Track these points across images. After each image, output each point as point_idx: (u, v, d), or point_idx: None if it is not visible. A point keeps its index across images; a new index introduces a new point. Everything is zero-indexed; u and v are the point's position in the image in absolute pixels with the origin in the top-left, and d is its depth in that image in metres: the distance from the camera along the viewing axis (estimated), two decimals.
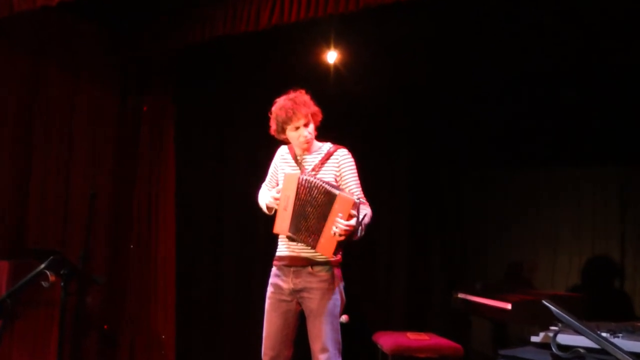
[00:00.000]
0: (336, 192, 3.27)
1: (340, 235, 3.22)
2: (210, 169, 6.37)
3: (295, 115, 3.43)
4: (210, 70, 6.22)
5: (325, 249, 3.27)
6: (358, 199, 3.35)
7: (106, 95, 5.80)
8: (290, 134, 3.50)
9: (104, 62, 5.76)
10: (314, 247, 3.30)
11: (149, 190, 5.88)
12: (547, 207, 6.17)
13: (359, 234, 3.30)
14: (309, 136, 3.47)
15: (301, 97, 3.48)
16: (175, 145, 5.91)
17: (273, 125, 3.54)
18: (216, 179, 6.39)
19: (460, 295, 5.54)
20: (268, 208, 3.59)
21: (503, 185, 6.43)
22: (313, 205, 3.28)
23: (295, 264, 3.45)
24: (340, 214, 3.22)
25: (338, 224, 3.21)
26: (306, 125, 3.46)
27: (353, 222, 3.22)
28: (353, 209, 3.24)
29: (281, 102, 3.49)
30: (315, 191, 3.29)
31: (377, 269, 6.74)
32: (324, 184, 3.31)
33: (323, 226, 3.25)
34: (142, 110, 5.93)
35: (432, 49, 5.76)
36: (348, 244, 3.36)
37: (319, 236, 3.27)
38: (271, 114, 3.54)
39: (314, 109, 3.50)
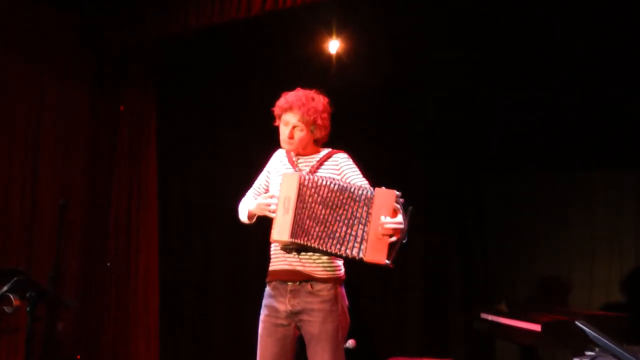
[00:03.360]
0: (370, 189, 3.25)
1: (390, 237, 3.18)
2: (197, 174, 6.36)
3: (289, 110, 3.44)
4: (196, 63, 6.21)
5: (375, 256, 3.19)
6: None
7: (78, 91, 5.80)
8: (281, 126, 3.52)
9: (74, 53, 5.76)
10: (359, 258, 3.21)
11: (128, 198, 5.90)
12: (582, 215, 6.13)
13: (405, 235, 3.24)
14: (293, 140, 3.45)
15: (315, 102, 3.45)
16: (157, 147, 5.94)
17: (274, 109, 3.56)
18: (204, 185, 6.39)
19: (484, 316, 5.53)
20: (250, 215, 3.57)
21: (532, 191, 6.40)
22: (330, 206, 3.24)
23: (292, 278, 3.39)
24: (384, 212, 3.18)
25: (384, 225, 3.17)
26: (296, 127, 3.44)
27: (399, 218, 3.19)
28: (397, 202, 3.20)
29: (296, 92, 3.50)
30: (326, 190, 3.24)
31: (389, 286, 6.72)
32: (341, 182, 3.28)
33: (365, 231, 3.20)
34: (119, 109, 5.95)
35: (446, 35, 5.77)
36: (401, 248, 3.27)
37: (359, 244, 3.21)
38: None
39: (319, 122, 3.45)
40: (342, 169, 3.48)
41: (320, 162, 3.49)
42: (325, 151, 3.57)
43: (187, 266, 6.29)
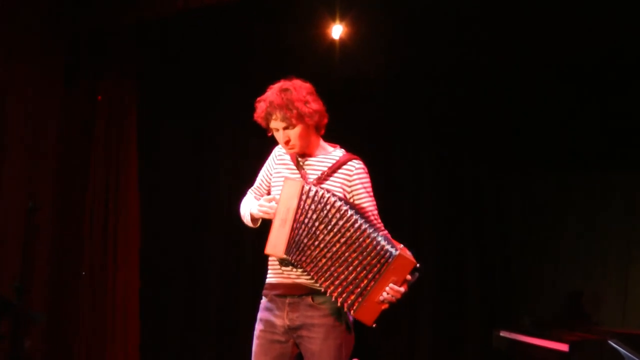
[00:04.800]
0: (394, 250, 3.19)
1: (389, 303, 3.20)
2: (185, 173, 6.33)
3: (269, 117, 3.34)
4: (184, 49, 6.17)
5: (365, 316, 3.21)
6: (374, 221, 3.31)
7: (49, 79, 5.72)
8: (275, 135, 3.42)
9: (44, 36, 5.67)
10: (348, 309, 3.22)
11: (105, 201, 5.86)
12: (617, 221, 6.10)
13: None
14: (292, 142, 3.38)
15: (289, 93, 3.34)
16: (139, 143, 5.93)
17: (258, 122, 3.47)
18: (192, 186, 6.37)
19: (503, 334, 5.51)
20: (253, 218, 3.51)
21: (560, 194, 6.40)
22: (335, 233, 3.19)
23: (292, 292, 3.35)
24: (394, 278, 3.18)
25: (391, 292, 3.18)
26: (287, 128, 3.36)
27: (406, 287, 3.22)
28: (411, 274, 3.20)
29: (267, 93, 3.39)
30: (337, 215, 3.19)
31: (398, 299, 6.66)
32: (358, 217, 3.20)
33: (367, 286, 3.18)
34: (96, 100, 5.89)
35: (464, 19, 5.71)
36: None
37: (358, 296, 3.19)
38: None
39: (304, 109, 3.34)
40: (354, 184, 3.40)
41: (333, 170, 3.41)
42: (338, 152, 3.49)
43: (173, 276, 6.26)
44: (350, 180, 3.39)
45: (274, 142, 3.57)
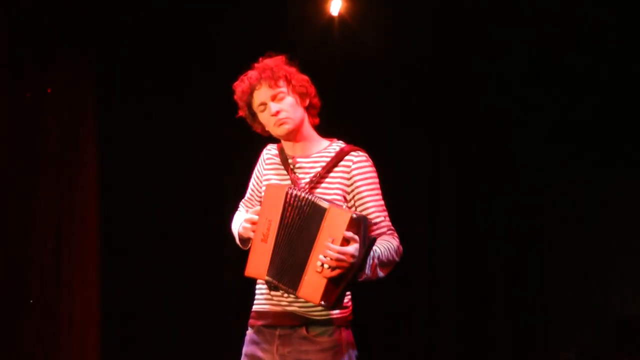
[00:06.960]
0: (325, 204, 3.18)
1: (331, 269, 3.07)
2: (155, 179, 6.27)
3: (255, 84, 3.35)
4: (154, 28, 6.13)
5: (309, 292, 3.14)
6: (374, 221, 3.27)
7: None
8: (262, 116, 3.42)
9: None
10: (295, 291, 3.19)
11: (57, 214, 5.86)
12: None
13: (367, 270, 3.15)
14: (284, 114, 3.36)
15: (270, 61, 3.43)
16: (98, 145, 5.99)
17: (240, 110, 3.52)
18: (164, 194, 6.31)
19: None
20: (242, 239, 3.49)
21: (609, 200, 6.38)
22: (303, 233, 3.21)
23: (282, 323, 3.32)
24: (330, 238, 3.09)
25: (327, 252, 3.07)
26: (275, 98, 3.35)
27: (351, 249, 3.06)
28: (350, 230, 3.07)
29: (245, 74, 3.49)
30: (308, 210, 3.19)
31: (411, 326, 6.65)
32: (313, 197, 3.20)
33: (308, 257, 3.14)
34: (45, 92, 5.86)
35: None
36: (353, 287, 3.20)
37: (302, 273, 3.14)
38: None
39: (292, 76, 3.41)
40: (353, 180, 3.35)
41: (328, 169, 3.36)
42: (334, 147, 3.44)
43: (139, 304, 6.17)
44: (349, 177, 3.36)
45: (257, 137, 3.55)
